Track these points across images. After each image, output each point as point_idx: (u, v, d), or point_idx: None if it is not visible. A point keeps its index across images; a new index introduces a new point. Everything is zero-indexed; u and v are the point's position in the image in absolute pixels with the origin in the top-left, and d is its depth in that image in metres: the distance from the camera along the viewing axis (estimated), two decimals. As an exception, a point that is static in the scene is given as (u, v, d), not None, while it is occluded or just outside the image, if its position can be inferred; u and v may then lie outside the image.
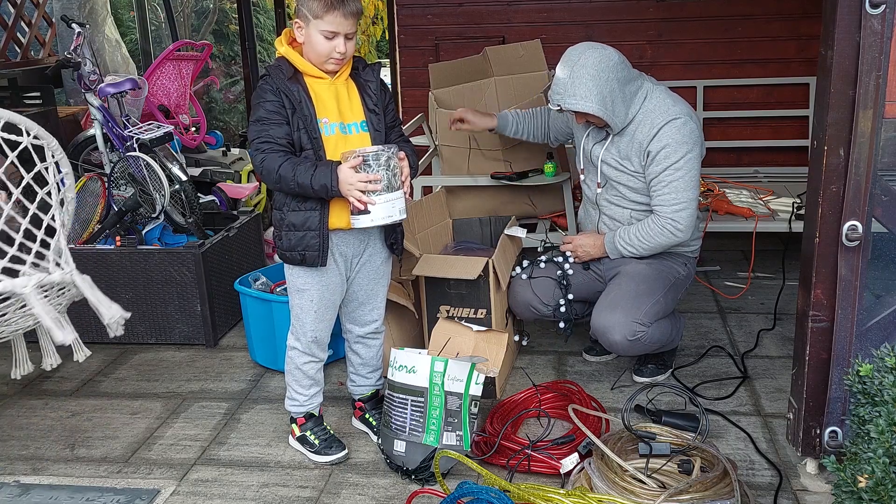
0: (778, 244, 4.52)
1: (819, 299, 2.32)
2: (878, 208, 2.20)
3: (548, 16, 5.26)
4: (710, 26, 5.09)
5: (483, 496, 2.19)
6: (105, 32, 6.35)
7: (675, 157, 2.86)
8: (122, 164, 3.97)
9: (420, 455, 2.59)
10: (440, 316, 3.17)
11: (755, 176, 4.82)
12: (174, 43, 4.92)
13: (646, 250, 3.02)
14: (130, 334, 3.79)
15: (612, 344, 2.95)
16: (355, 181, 2.35)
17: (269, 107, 2.44)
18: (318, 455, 2.76)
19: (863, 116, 2.13)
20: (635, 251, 3.03)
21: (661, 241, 2.97)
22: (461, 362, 2.64)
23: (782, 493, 2.49)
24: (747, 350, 3.48)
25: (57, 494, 2.64)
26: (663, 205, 2.91)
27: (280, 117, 2.43)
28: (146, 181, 3.87)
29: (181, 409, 3.19)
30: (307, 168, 2.39)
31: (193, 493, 2.63)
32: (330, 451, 2.75)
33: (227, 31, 9.02)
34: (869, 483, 1.85)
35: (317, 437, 2.78)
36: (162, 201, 3.82)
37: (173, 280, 3.68)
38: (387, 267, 2.76)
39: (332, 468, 2.73)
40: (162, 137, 3.93)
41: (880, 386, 1.96)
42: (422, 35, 5.45)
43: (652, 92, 2.96)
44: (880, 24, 2.07)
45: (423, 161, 4.25)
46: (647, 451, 2.40)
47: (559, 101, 2.92)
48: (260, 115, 2.44)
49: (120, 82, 4.11)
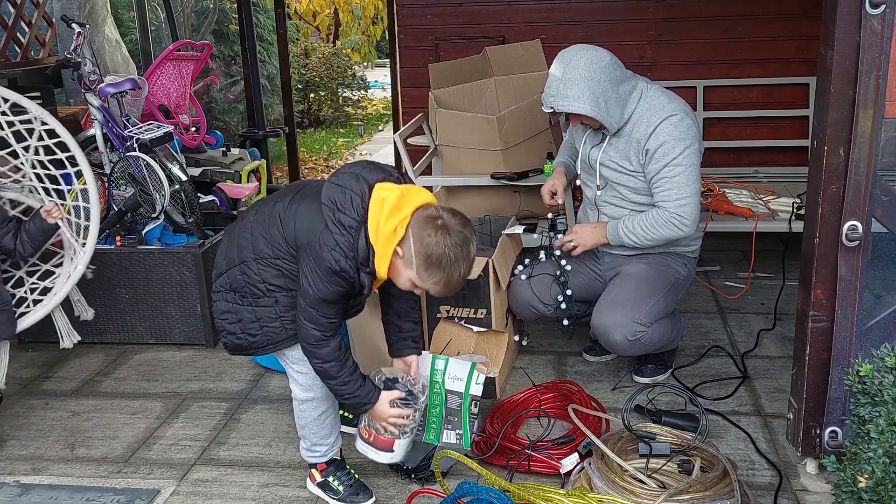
0: (778, 244, 4.52)
1: (819, 299, 2.32)
2: (878, 208, 2.20)
3: (548, 16, 5.26)
4: (710, 26, 5.09)
5: (483, 496, 2.19)
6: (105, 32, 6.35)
7: (674, 154, 2.86)
8: (122, 164, 3.97)
9: (420, 453, 2.59)
10: (440, 316, 3.17)
11: (755, 176, 4.82)
12: (174, 43, 4.92)
13: (648, 241, 2.97)
14: (130, 334, 3.80)
15: (613, 344, 2.95)
16: (388, 416, 2.38)
17: (339, 290, 2.23)
18: (342, 503, 2.53)
19: (863, 116, 2.13)
20: (637, 241, 2.99)
21: (665, 234, 2.94)
22: (462, 361, 2.64)
23: (782, 493, 2.49)
24: (747, 350, 3.48)
25: (57, 494, 2.64)
26: (667, 200, 2.90)
27: (342, 300, 2.29)
28: (146, 181, 3.87)
29: (181, 409, 3.19)
30: (354, 377, 2.32)
31: (193, 493, 2.63)
32: (356, 499, 2.51)
33: (227, 31, 9.03)
34: (869, 483, 1.85)
35: (341, 483, 2.53)
36: (162, 201, 3.81)
37: (173, 280, 3.68)
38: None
39: (332, 468, 2.72)
40: (162, 137, 3.93)
41: (880, 386, 1.96)
42: (422, 35, 5.45)
43: (647, 91, 2.95)
44: (880, 24, 2.07)
45: (423, 161, 4.26)
46: (647, 451, 2.40)
47: (552, 103, 2.92)
48: (330, 293, 2.22)
49: (120, 82, 4.11)
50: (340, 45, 14.05)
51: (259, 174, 4.99)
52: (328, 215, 2.20)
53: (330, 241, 2.17)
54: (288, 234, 2.27)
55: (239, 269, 2.37)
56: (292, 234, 2.26)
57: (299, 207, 2.28)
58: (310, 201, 2.27)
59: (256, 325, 2.39)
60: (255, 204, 2.49)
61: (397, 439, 2.45)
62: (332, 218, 2.19)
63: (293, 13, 13.16)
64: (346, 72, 12.61)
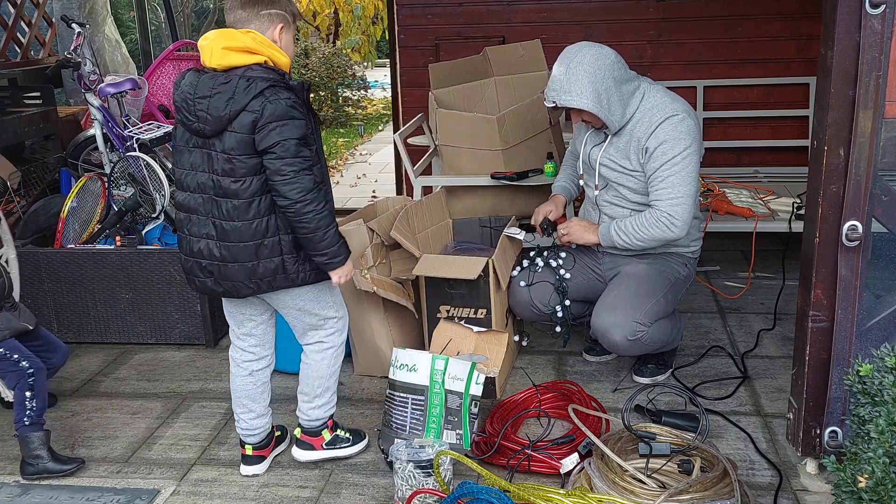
0: (778, 244, 4.52)
1: (819, 299, 2.32)
2: (878, 208, 2.20)
3: (548, 16, 5.26)
4: (710, 26, 5.09)
5: (483, 496, 2.19)
6: (105, 32, 6.34)
7: (672, 153, 2.86)
8: (122, 164, 3.97)
9: (420, 454, 2.59)
10: (440, 316, 3.17)
11: (755, 176, 4.82)
12: (174, 43, 4.93)
13: (639, 241, 2.97)
14: (130, 334, 3.80)
15: (613, 344, 2.95)
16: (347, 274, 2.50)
17: (304, 127, 2.33)
18: (355, 446, 2.78)
19: (863, 116, 2.13)
20: (628, 241, 2.98)
21: (655, 234, 2.93)
22: (462, 361, 2.64)
23: (782, 493, 2.49)
24: (747, 350, 3.48)
25: (57, 494, 2.64)
26: (660, 199, 2.90)
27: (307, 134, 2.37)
28: (146, 181, 3.87)
29: (181, 409, 3.19)
30: (338, 236, 2.42)
31: (193, 493, 2.63)
32: (360, 439, 2.81)
33: (227, 31, 9.02)
34: (869, 483, 1.85)
35: (346, 431, 2.79)
36: (162, 201, 3.82)
37: (173, 280, 3.68)
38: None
39: (332, 468, 2.73)
40: (162, 137, 3.93)
41: (880, 386, 1.96)
42: (422, 35, 5.45)
43: (650, 91, 2.96)
44: (880, 24, 2.07)
45: (423, 161, 4.26)
46: (647, 451, 2.39)
47: (554, 98, 2.92)
48: (302, 135, 2.32)
49: (120, 82, 4.11)
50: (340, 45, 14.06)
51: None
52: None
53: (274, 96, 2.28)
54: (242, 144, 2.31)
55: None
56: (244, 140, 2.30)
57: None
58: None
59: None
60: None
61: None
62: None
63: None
64: (346, 72, 12.62)
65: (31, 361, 2.72)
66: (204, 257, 2.43)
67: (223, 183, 2.34)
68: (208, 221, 2.39)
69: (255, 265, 2.39)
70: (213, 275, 2.44)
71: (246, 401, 2.67)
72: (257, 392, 2.67)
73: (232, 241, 2.38)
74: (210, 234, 2.40)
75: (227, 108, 2.27)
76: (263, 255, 2.39)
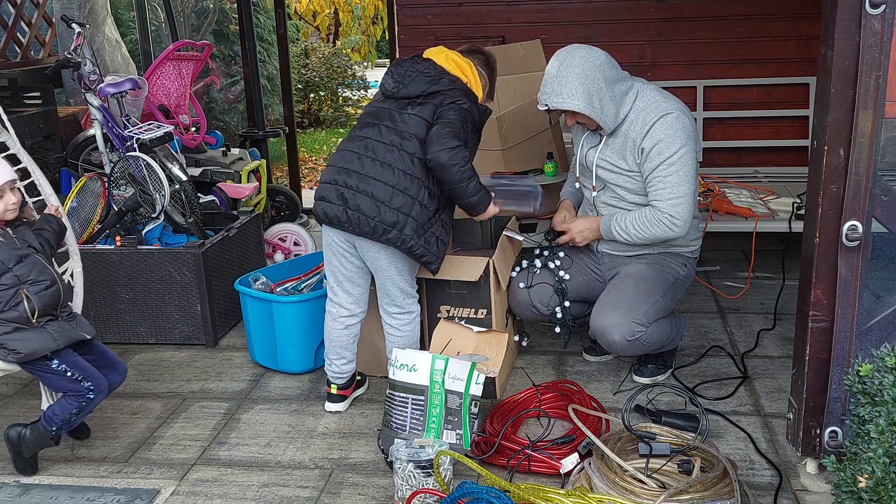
0: (778, 244, 4.52)
1: (819, 299, 2.32)
2: (878, 208, 2.20)
3: (548, 16, 5.26)
4: (710, 26, 5.09)
5: (483, 496, 2.19)
6: (105, 32, 6.33)
7: (668, 153, 2.86)
8: (122, 164, 3.97)
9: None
10: (440, 316, 3.17)
11: (755, 176, 4.82)
12: (174, 43, 4.92)
13: (639, 239, 2.98)
14: (130, 334, 3.80)
15: (611, 344, 2.95)
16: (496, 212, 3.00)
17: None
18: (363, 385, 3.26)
19: (863, 116, 2.13)
20: (628, 237, 2.99)
21: (656, 233, 2.94)
22: (462, 361, 2.64)
23: (782, 493, 2.49)
24: (747, 350, 3.48)
25: (57, 494, 2.64)
26: (660, 199, 2.90)
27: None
28: (146, 181, 3.87)
29: (181, 409, 3.19)
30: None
31: (193, 493, 2.63)
32: (363, 380, 3.27)
33: (227, 31, 9.01)
34: (869, 483, 1.85)
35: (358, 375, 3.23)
36: (162, 201, 3.81)
37: (173, 280, 3.68)
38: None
39: (332, 468, 2.73)
40: (162, 137, 3.93)
41: (880, 386, 1.96)
42: (422, 35, 5.44)
43: (643, 90, 2.96)
44: (880, 24, 2.07)
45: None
46: (647, 451, 2.40)
47: (546, 101, 2.92)
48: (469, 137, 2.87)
49: (120, 82, 4.11)
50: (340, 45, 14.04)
51: (259, 174, 4.99)
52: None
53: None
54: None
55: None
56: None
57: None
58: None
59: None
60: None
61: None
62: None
63: (293, 13, 13.16)
64: (346, 72, 12.60)
65: (94, 381, 2.64)
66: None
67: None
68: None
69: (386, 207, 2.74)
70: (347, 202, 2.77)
71: (340, 349, 3.03)
72: (350, 342, 3.04)
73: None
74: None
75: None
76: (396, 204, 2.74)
